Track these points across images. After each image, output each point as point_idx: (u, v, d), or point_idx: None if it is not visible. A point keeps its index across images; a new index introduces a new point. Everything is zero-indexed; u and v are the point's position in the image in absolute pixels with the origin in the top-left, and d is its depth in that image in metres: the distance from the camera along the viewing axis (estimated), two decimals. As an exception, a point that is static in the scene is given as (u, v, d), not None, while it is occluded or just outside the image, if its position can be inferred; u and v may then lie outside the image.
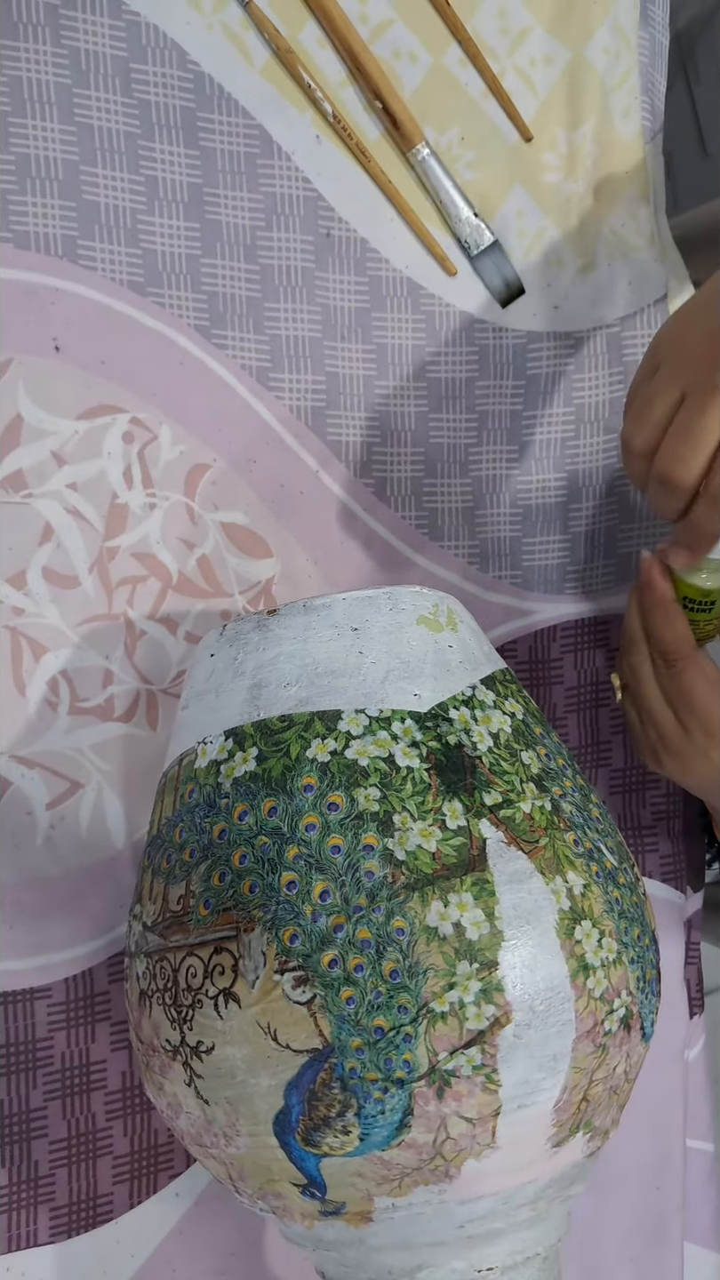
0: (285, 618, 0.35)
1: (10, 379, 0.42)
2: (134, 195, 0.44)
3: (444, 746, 0.34)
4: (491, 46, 0.49)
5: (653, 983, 0.36)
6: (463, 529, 0.50)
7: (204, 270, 0.45)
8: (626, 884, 0.35)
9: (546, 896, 0.32)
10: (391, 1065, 0.31)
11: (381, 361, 0.48)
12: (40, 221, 0.42)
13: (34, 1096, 0.41)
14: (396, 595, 0.36)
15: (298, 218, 0.46)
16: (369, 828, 0.32)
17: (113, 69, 0.43)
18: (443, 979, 0.31)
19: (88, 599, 0.43)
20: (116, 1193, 0.43)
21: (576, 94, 0.50)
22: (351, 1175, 0.32)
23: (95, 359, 0.43)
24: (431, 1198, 0.32)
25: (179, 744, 0.37)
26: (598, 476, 0.51)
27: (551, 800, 0.34)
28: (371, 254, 0.48)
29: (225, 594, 0.45)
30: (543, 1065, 0.32)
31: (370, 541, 0.48)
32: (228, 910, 0.32)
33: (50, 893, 0.42)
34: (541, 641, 0.51)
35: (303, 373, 0.47)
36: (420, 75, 0.48)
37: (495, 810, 0.33)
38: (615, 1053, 0.33)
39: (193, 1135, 0.34)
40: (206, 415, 0.45)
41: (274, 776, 0.33)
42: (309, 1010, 0.31)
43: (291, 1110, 0.31)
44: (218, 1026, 0.32)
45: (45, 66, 0.42)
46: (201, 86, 0.45)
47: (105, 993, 0.43)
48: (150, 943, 0.34)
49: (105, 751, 0.43)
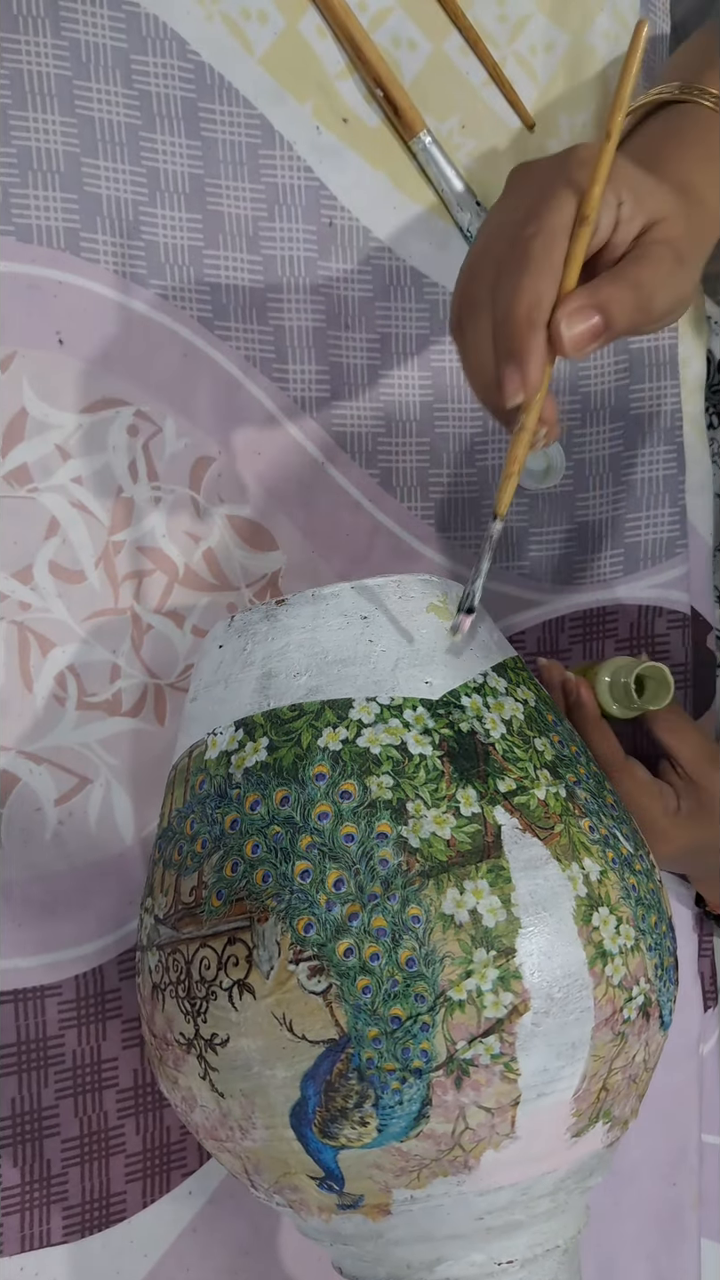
0: (294, 607, 0.35)
1: (14, 373, 0.42)
2: (135, 187, 0.44)
3: (456, 734, 0.33)
4: (492, 34, 0.49)
5: (670, 970, 0.35)
6: (469, 519, 0.49)
7: (206, 261, 0.45)
8: (643, 870, 0.35)
9: (563, 883, 0.32)
10: (409, 1055, 0.30)
11: (385, 351, 0.48)
12: (42, 214, 0.42)
13: (45, 1095, 0.41)
14: (405, 584, 0.36)
15: (300, 207, 0.46)
16: (382, 815, 0.32)
17: (113, 60, 0.43)
18: (460, 967, 0.30)
19: (94, 593, 0.43)
20: (129, 1191, 0.43)
21: (578, 80, 0.50)
22: (369, 1167, 0.31)
23: (99, 352, 0.43)
24: (450, 1189, 0.32)
25: (188, 736, 0.36)
26: (604, 465, 0.51)
27: (566, 787, 0.34)
28: (374, 243, 0.48)
29: (232, 587, 0.45)
30: (561, 1053, 0.31)
31: (376, 533, 0.48)
32: (241, 900, 0.32)
33: (59, 889, 0.42)
34: (550, 632, 0.51)
35: (306, 363, 0.46)
36: (421, 63, 0.48)
37: (509, 797, 0.33)
38: (634, 1041, 0.33)
39: (207, 1129, 0.34)
40: (210, 407, 0.45)
41: (285, 766, 0.33)
42: (325, 1000, 0.31)
43: (308, 1102, 0.31)
44: (232, 1018, 0.32)
45: (46, 59, 0.42)
46: (202, 76, 0.44)
47: (116, 990, 0.43)
48: (162, 935, 0.34)
49: (113, 746, 0.43)
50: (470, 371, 0.34)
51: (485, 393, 0.34)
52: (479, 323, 0.33)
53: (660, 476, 0.51)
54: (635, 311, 0.33)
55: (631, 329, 0.33)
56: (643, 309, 0.33)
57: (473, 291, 0.33)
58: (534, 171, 0.34)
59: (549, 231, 0.32)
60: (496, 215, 0.34)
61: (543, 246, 0.31)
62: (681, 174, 0.37)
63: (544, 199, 0.32)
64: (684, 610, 0.52)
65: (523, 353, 0.31)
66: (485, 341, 0.33)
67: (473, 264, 0.34)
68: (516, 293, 0.31)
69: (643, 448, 0.51)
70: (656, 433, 0.51)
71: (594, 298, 0.32)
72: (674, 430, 0.51)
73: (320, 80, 0.46)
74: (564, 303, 0.32)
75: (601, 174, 0.32)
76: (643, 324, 0.34)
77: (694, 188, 0.38)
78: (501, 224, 0.34)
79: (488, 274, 0.33)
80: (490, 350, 0.33)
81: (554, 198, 0.32)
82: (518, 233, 0.32)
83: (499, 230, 0.33)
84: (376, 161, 0.47)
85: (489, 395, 0.34)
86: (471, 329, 0.33)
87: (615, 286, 0.32)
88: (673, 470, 0.52)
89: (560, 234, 0.32)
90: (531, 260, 0.31)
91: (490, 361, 0.33)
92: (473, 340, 0.33)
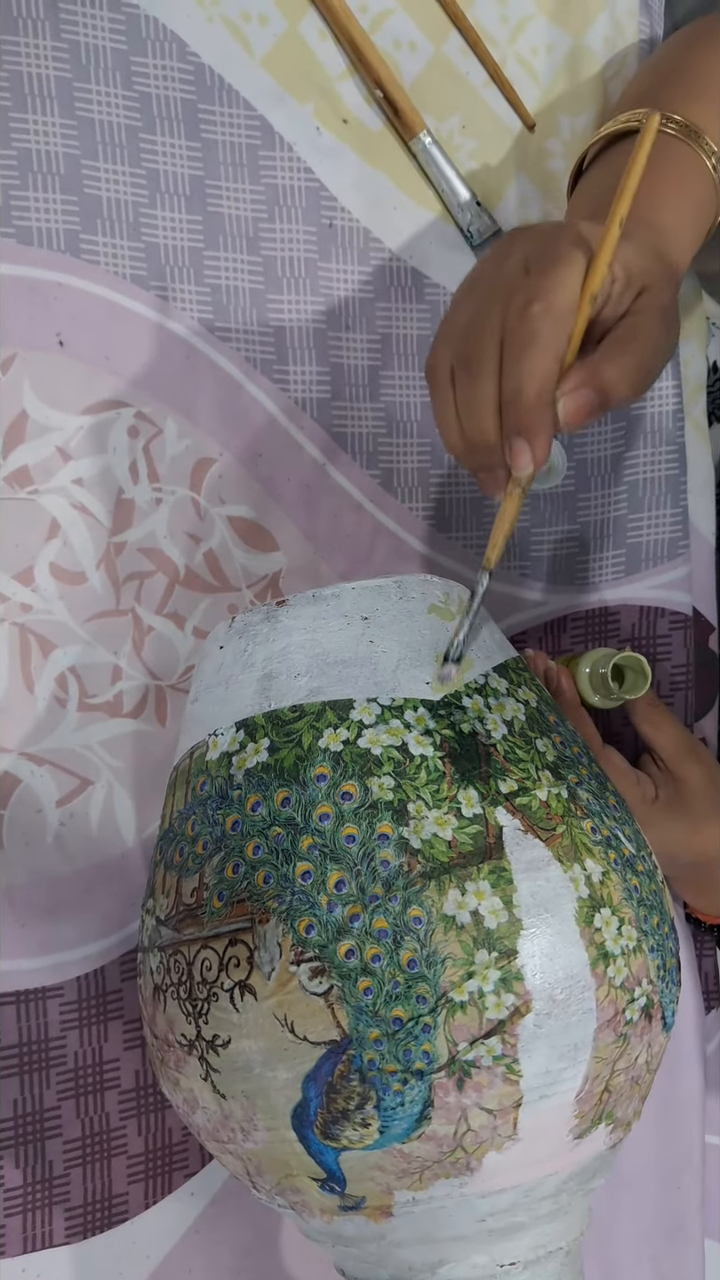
0: (294, 608, 0.35)
1: (15, 375, 0.42)
2: (136, 189, 0.44)
3: (458, 734, 0.33)
4: (492, 34, 0.49)
5: (673, 971, 0.35)
6: (470, 520, 0.49)
7: (207, 263, 0.45)
8: (645, 871, 0.35)
9: (565, 884, 0.32)
10: (411, 1056, 0.30)
11: (386, 351, 0.48)
12: (42, 217, 0.42)
13: (47, 1096, 0.41)
14: (406, 584, 0.36)
15: (300, 208, 0.46)
16: (383, 816, 0.32)
17: (113, 62, 0.43)
18: (461, 968, 0.30)
19: (95, 595, 0.43)
20: (131, 1192, 0.43)
21: (579, 81, 0.50)
22: (371, 1169, 0.31)
23: (99, 354, 0.43)
24: (452, 1191, 0.31)
25: (189, 737, 0.36)
26: (606, 466, 0.51)
27: (568, 787, 0.34)
28: (374, 243, 0.48)
29: (233, 588, 0.45)
30: (564, 1055, 0.31)
31: (377, 533, 0.48)
32: (242, 902, 0.32)
33: (61, 891, 0.42)
34: (552, 632, 0.51)
35: (307, 364, 0.46)
36: (421, 64, 0.48)
37: (511, 798, 0.33)
38: (637, 1042, 0.33)
39: (209, 1131, 0.34)
40: (211, 409, 0.45)
41: (286, 767, 0.33)
42: (326, 1001, 0.30)
43: (310, 1103, 0.31)
44: (234, 1019, 0.32)
45: (45, 61, 0.42)
46: (202, 78, 0.44)
47: (118, 991, 0.43)
48: (163, 936, 0.34)
49: (114, 748, 0.43)
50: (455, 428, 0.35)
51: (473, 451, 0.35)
52: (481, 386, 0.34)
53: (662, 477, 0.51)
54: (634, 389, 0.34)
55: (630, 402, 0.35)
56: (643, 383, 0.35)
57: (473, 352, 0.34)
58: (536, 238, 0.35)
59: (558, 312, 0.33)
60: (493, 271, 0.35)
61: (552, 327, 0.33)
62: (651, 211, 0.38)
63: (552, 272, 0.33)
64: (685, 611, 0.52)
65: (534, 430, 0.33)
66: (487, 405, 0.34)
67: (471, 322, 0.34)
68: (530, 373, 0.33)
69: (644, 448, 0.51)
70: (658, 433, 0.51)
71: (595, 378, 0.33)
72: (676, 430, 0.51)
73: (321, 82, 0.46)
74: (565, 381, 0.33)
75: (605, 258, 0.33)
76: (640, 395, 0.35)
77: (664, 227, 0.39)
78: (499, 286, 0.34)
79: (490, 339, 0.33)
80: (491, 414, 0.34)
81: (561, 273, 0.33)
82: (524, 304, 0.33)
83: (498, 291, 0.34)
84: (377, 162, 0.47)
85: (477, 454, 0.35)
86: (469, 388, 0.34)
87: (615, 367, 0.34)
88: (674, 470, 0.52)
89: (568, 314, 0.33)
90: (541, 341, 0.33)
91: (491, 426, 0.34)
92: (469, 399, 0.34)
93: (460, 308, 0.35)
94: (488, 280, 0.35)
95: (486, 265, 0.36)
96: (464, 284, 0.36)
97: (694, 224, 0.41)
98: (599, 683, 0.46)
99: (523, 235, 0.36)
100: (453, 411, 0.35)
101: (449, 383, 0.35)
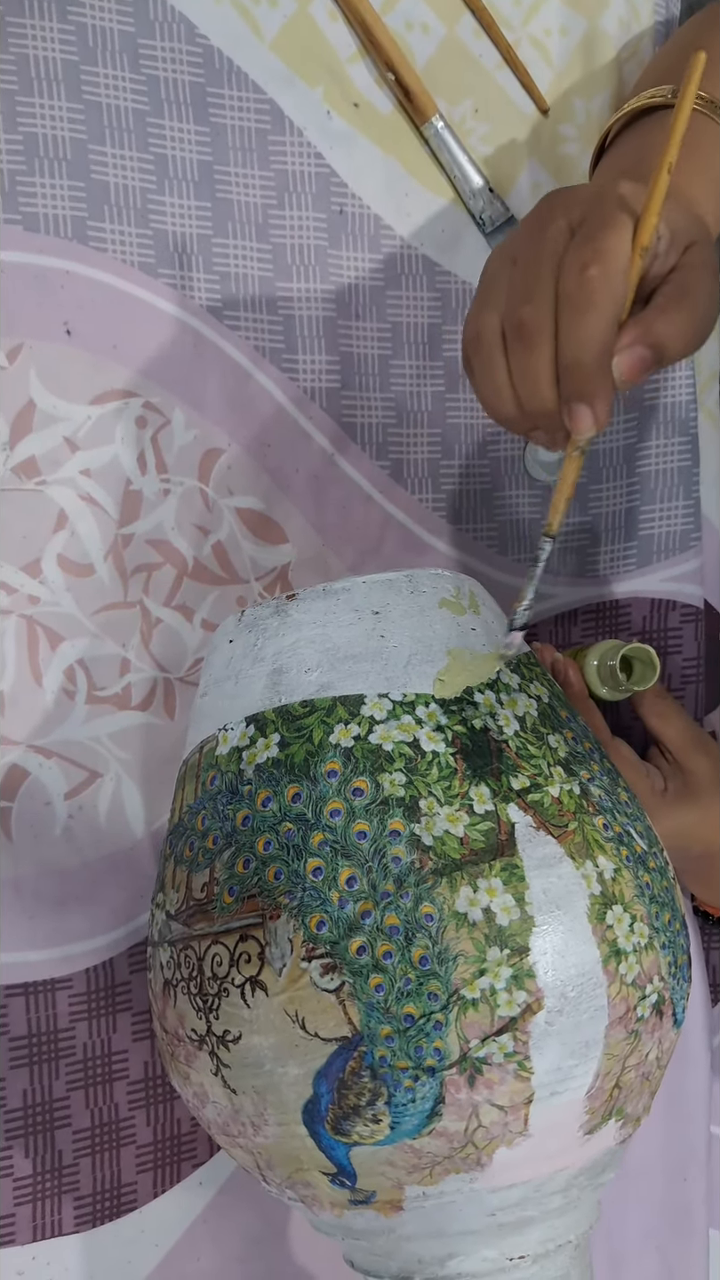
0: (304, 602, 0.35)
1: (22, 364, 0.41)
2: (144, 174, 0.43)
3: (469, 730, 0.33)
4: (506, 17, 0.48)
5: (684, 968, 0.35)
6: (481, 511, 0.49)
7: (215, 250, 0.44)
8: (657, 868, 0.35)
9: (577, 881, 0.32)
10: (422, 1053, 0.30)
11: (397, 340, 0.47)
12: (49, 203, 0.41)
13: (57, 1086, 0.41)
14: (417, 578, 0.35)
15: (310, 195, 0.45)
16: (395, 813, 0.31)
17: (121, 45, 0.42)
18: (473, 965, 0.30)
19: (103, 587, 0.43)
20: (140, 1182, 0.43)
21: (593, 64, 0.49)
22: (382, 1164, 0.31)
23: (107, 343, 0.42)
24: (463, 1186, 0.32)
25: (198, 731, 0.36)
26: (618, 457, 0.50)
27: (580, 784, 0.34)
28: (385, 230, 0.47)
29: (241, 580, 0.45)
30: (575, 1052, 0.31)
31: (387, 525, 0.47)
32: (253, 897, 0.32)
33: (70, 883, 0.42)
34: (562, 625, 0.50)
35: (316, 353, 0.46)
36: (433, 47, 0.47)
37: (523, 794, 0.33)
38: (648, 1039, 0.33)
39: (219, 1125, 0.34)
40: (219, 398, 0.44)
41: (297, 762, 0.33)
42: (337, 998, 0.30)
43: (320, 1099, 0.31)
44: (245, 1015, 0.32)
45: (52, 43, 0.41)
46: (211, 61, 0.44)
47: (126, 983, 0.43)
48: (174, 931, 0.34)
49: (123, 740, 0.43)
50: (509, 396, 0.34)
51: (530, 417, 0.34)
52: (538, 352, 0.33)
53: (675, 469, 0.51)
54: (689, 345, 0.34)
55: (683, 356, 0.34)
56: (697, 338, 0.34)
57: (526, 319, 0.33)
58: (578, 201, 0.34)
59: (613, 272, 0.32)
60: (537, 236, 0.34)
61: (609, 290, 0.32)
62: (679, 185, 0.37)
63: (603, 234, 0.33)
64: (697, 604, 0.52)
65: (595, 394, 0.33)
66: (546, 372, 0.33)
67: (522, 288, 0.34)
68: (590, 338, 0.32)
69: (657, 439, 0.51)
70: (671, 424, 0.51)
71: (650, 335, 0.33)
72: (689, 422, 0.51)
73: (331, 64, 0.45)
74: (620, 338, 0.33)
75: (655, 208, 0.32)
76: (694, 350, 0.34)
77: (693, 201, 0.38)
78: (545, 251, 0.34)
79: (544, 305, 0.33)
80: (550, 381, 0.33)
81: (612, 235, 0.33)
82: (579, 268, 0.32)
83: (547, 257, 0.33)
84: (388, 147, 0.47)
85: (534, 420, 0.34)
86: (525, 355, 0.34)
87: (668, 323, 0.33)
88: (687, 462, 0.51)
89: (622, 273, 0.32)
90: (599, 305, 0.32)
91: (550, 393, 0.33)
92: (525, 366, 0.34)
93: (500, 275, 0.35)
94: (533, 247, 0.34)
95: (527, 232, 0.35)
96: (499, 253, 0.36)
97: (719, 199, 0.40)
98: (607, 674, 0.46)
99: (562, 200, 0.35)
100: (505, 379, 0.34)
101: (499, 351, 0.34)
